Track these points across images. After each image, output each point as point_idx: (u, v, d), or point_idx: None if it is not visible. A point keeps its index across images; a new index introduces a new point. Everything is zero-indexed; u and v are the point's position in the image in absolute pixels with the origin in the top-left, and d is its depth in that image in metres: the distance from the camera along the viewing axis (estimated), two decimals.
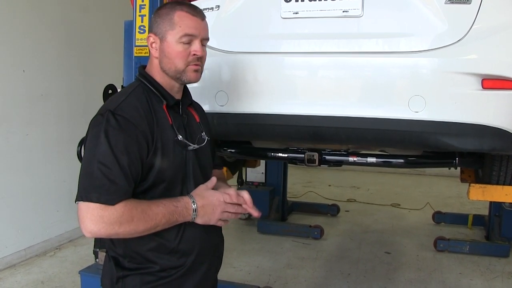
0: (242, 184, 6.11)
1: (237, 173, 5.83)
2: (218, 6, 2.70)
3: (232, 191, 1.86)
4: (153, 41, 1.83)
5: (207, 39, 1.86)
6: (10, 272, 4.56)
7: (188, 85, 2.00)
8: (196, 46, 1.79)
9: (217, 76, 2.66)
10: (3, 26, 4.56)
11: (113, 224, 1.59)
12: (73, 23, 5.43)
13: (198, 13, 1.82)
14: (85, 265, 3.81)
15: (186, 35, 1.77)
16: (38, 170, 5.04)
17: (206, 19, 1.87)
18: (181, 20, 1.78)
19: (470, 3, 2.27)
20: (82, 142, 3.45)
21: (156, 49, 1.83)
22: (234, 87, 2.61)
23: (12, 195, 4.73)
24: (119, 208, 1.59)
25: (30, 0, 4.84)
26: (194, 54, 1.79)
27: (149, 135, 1.70)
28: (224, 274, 4.29)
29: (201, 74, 1.88)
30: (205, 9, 2.71)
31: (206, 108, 2.59)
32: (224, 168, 3.38)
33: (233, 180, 5.73)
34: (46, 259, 4.92)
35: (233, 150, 3.23)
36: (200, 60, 1.82)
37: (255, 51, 2.61)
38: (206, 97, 2.64)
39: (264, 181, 6.14)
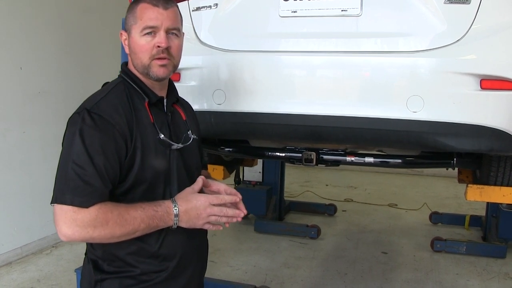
0: (239, 183, 6.10)
1: (234, 172, 5.82)
2: (216, 4, 2.68)
3: (221, 186, 1.84)
4: (124, 37, 1.78)
5: (176, 29, 1.75)
6: (6, 270, 4.55)
7: (185, 84, 1.97)
8: (159, 38, 1.70)
9: (215, 75, 2.65)
10: (1, 23, 4.54)
11: (86, 228, 1.52)
12: (71, 20, 5.41)
13: (161, 3, 1.71)
14: (81, 263, 3.74)
15: (146, 27, 1.69)
16: (35, 168, 5.02)
17: (177, 8, 1.78)
18: (142, 13, 1.70)
19: (469, 3, 2.26)
20: None
21: (127, 45, 1.78)
22: (231, 85, 2.60)
23: (9, 193, 4.71)
24: (93, 211, 1.53)
25: None
26: (158, 46, 1.70)
27: (127, 134, 1.64)
28: (220, 273, 4.31)
29: (174, 67, 1.79)
30: (203, 7, 2.70)
31: (203, 106, 2.60)
32: (221, 167, 3.40)
33: (230, 179, 5.72)
34: (43, 257, 4.91)
35: (230, 149, 3.22)
36: (168, 52, 1.73)
37: (253, 50, 2.60)
38: (204, 95, 2.63)
39: (261, 180, 6.11)
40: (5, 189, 4.67)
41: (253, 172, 6.07)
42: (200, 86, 2.65)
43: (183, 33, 1.83)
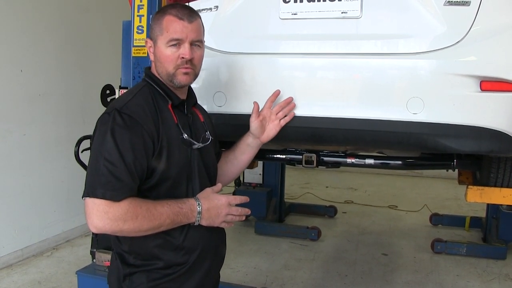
0: (239, 185, 6.12)
1: None
2: (217, 7, 2.69)
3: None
4: (150, 45, 1.90)
5: (199, 41, 1.90)
6: (7, 272, 4.55)
7: None
8: (183, 49, 1.83)
9: (215, 77, 2.66)
10: (1, 25, 4.55)
11: (117, 221, 1.63)
12: (71, 22, 5.42)
13: (186, 16, 1.84)
14: (82, 265, 3.81)
15: (172, 39, 1.82)
16: (36, 170, 5.03)
17: (200, 20, 1.91)
18: (168, 25, 1.83)
19: (469, 5, 2.26)
20: (79, 142, 3.46)
21: (152, 53, 1.90)
22: (232, 88, 2.61)
23: (10, 195, 4.71)
24: (124, 205, 1.64)
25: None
26: (182, 58, 1.83)
27: (154, 133, 1.75)
28: (221, 274, 4.29)
29: (195, 76, 1.92)
30: (204, 9, 2.70)
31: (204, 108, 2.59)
32: None
33: None
34: (43, 259, 4.91)
35: None
36: (191, 62, 1.86)
37: (254, 52, 2.60)
38: (204, 97, 2.63)
39: (261, 182, 6.13)
40: (6, 191, 4.67)
41: (253, 174, 6.09)
42: (200, 88, 2.65)
43: (204, 42, 1.96)
